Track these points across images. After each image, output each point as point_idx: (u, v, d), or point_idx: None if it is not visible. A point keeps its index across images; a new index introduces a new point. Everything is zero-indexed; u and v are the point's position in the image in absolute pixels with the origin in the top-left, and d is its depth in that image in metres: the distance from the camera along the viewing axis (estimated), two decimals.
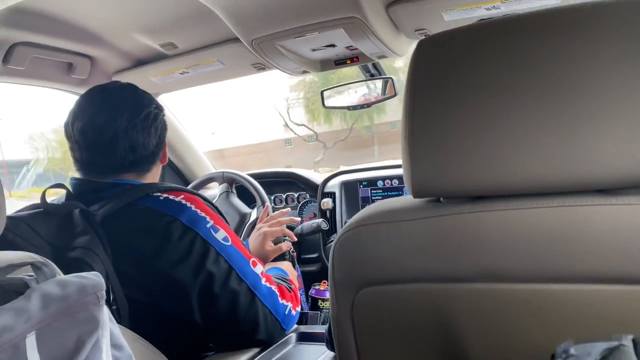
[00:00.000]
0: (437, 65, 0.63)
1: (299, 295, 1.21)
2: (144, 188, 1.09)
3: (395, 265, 0.66)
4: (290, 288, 1.18)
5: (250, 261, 1.07)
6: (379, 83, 1.75)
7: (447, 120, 0.61)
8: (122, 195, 1.07)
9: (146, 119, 1.12)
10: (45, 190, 1.09)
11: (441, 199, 0.66)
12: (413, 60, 0.65)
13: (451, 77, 0.62)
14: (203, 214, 1.05)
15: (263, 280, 1.07)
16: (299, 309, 1.16)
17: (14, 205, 1.15)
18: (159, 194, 1.07)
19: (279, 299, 1.09)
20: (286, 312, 1.10)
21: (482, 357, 0.64)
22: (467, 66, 0.61)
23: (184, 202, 1.06)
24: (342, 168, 2.03)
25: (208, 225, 1.04)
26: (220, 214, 1.15)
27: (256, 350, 1.07)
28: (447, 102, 0.61)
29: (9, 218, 0.99)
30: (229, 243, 1.05)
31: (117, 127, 1.09)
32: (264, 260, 1.40)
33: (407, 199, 0.69)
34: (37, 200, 1.08)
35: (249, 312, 1.04)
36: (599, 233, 0.56)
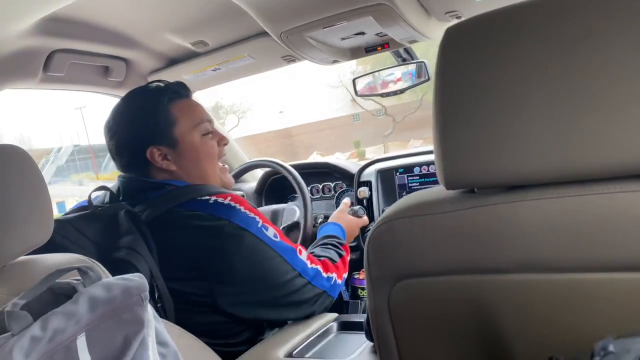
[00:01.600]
0: (466, 52, 0.61)
1: (347, 265, 1.31)
2: (190, 192, 1.11)
3: (431, 258, 0.66)
4: (337, 257, 1.28)
5: (297, 250, 1.13)
6: (411, 67, 1.73)
7: (479, 109, 0.60)
8: (168, 197, 1.10)
9: (120, 123, 1.17)
10: (90, 193, 1.13)
11: (475, 189, 0.65)
12: (441, 49, 0.63)
13: (481, 64, 0.60)
14: (252, 215, 1.09)
15: (309, 264, 1.14)
16: (345, 275, 1.27)
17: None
18: (207, 197, 1.09)
19: (323, 274, 1.17)
20: (332, 283, 1.19)
21: (522, 348, 0.64)
22: (497, 52, 0.59)
23: (233, 204, 1.08)
24: (413, 142, 2.02)
25: (259, 225, 1.08)
26: None
27: (300, 338, 1.09)
28: (479, 90, 0.60)
29: (57, 221, 1.03)
30: (278, 239, 1.10)
31: (111, 129, 1.18)
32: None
33: (440, 190, 0.68)
34: None
35: (305, 294, 1.12)
36: None
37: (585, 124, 0.55)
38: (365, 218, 1.68)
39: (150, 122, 1.15)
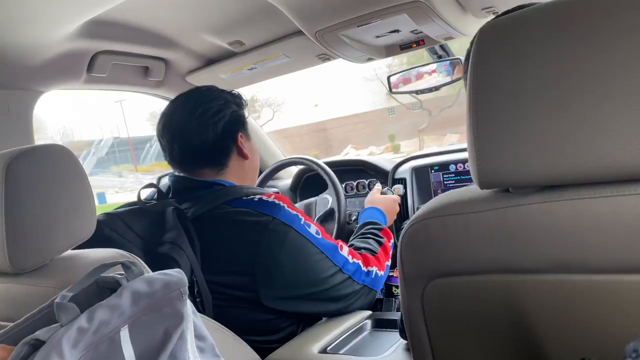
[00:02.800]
0: (499, 51, 0.61)
1: (389, 251, 1.34)
2: (237, 191, 1.16)
3: (465, 257, 0.66)
4: (377, 246, 1.31)
5: (338, 246, 1.16)
6: (447, 64, 1.71)
7: (513, 107, 0.59)
8: (216, 195, 1.15)
9: (203, 114, 1.19)
10: (140, 190, 1.18)
11: (510, 189, 0.64)
12: (475, 48, 0.63)
13: (515, 62, 0.59)
14: (295, 212, 1.13)
15: (350, 259, 1.17)
16: (387, 263, 1.29)
17: (140, 179, 1.29)
18: (252, 195, 1.14)
19: (363, 268, 1.19)
20: (373, 276, 1.21)
21: (555, 348, 0.63)
22: (531, 51, 0.58)
23: (277, 202, 1.13)
24: (449, 136, 2.01)
25: (302, 222, 1.12)
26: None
27: (334, 334, 1.10)
28: (514, 89, 0.59)
29: (107, 214, 1.08)
30: (320, 236, 1.14)
31: (175, 125, 1.21)
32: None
33: (474, 189, 0.68)
34: (160, 174, 1.29)
35: (345, 289, 1.15)
36: None
37: (621, 123, 0.54)
38: (400, 193, 1.75)
39: (242, 113, 1.27)
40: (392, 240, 1.38)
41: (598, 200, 0.57)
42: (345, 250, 1.18)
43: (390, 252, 1.34)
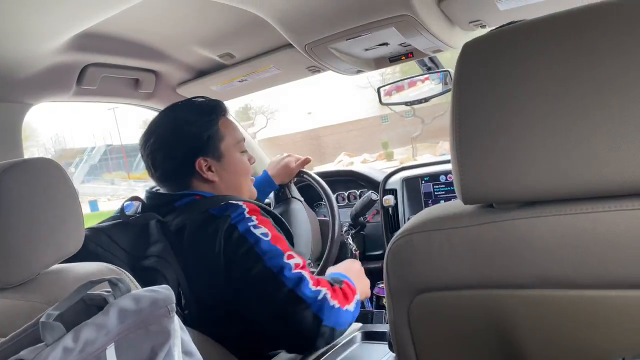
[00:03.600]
0: (483, 67, 0.62)
1: (351, 292, 1.12)
2: (212, 200, 1.15)
3: (449, 272, 0.66)
4: (340, 286, 1.11)
5: (286, 254, 1.06)
6: (436, 76, 1.72)
7: (496, 124, 0.60)
8: (193, 206, 1.14)
9: (164, 143, 1.20)
10: (123, 204, 1.18)
11: (493, 204, 0.65)
12: (459, 63, 0.64)
13: (499, 79, 0.60)
14: (249, 215, 1.09)
15: (293, 269, 1.04)
16: (349, 307, 1.08)
17: (133, 186, 1.28)
18: (224, 202, 1.12)
19: (310, 285, 1.04)
20: (319, 298, 1.02)
21: None
22: (515, 68, 0.59)
23: (240, 204, 1.11)
24: (442, 144, 2.01)
25: (249, 223, 1.07)
26: (280, 223, 1.19)
27: (321, 350, 1.09)
28: (496, 105, 0.60)
29: (91, 229, 1.07)
30: (267, 239, 1.06)
31: (147, 147, 1.22)
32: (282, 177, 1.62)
33: (459, 204, 0.69)
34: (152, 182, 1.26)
35: (276, 299, 1.02)
36: None
37: (602, 140, 0.54)
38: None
39: (203, 135, 1.21)
40: (355, 297, 1.12)
41: (579, 216, 0.58)
42: (293, 260, 1.06)
43: (354, 303, 1.10)
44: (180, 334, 0.65)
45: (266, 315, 1.05)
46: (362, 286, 1.26)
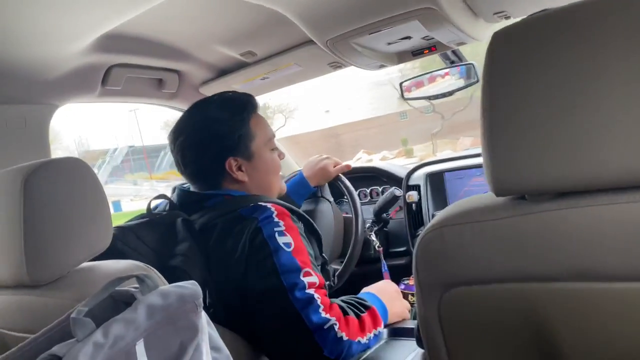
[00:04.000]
0: (514, 56, 0.60)
1: (372, 322, 1.08)
2: (241, 200, 1.15)
3: (481, 266, 0.65)
4: (359, 315, 1.07)
5: (303, 271, 1.02)
6: (460, 69, 1.70)
7: (528, 113, 0.59)
8: (220, 205, 1.14)
9: (194, 140, 1.19)
10: (150, 201, 1.19)
11: (526, 196, 0.63)
12: (489, 53, 0.63)
13: (530, 67, 0.59)
14: (277, 220, 1.07)
15: (306, 288, 1.01)
16: (361, 339, 1.04)
17: (155, 186, 1.28)
18: (253, 204, 1.11)
19: (319, 310, 0.99)
20: (325, 327, 0.98)
21: (576, 357, 0.61)
22: (547, 55, 0.58)
23: (269, 206, 1.10)
24: (462, 140, 1.98)
25: (276, 229, 1.05)
26: (310, 226, 1.18)
27: None
28: (528, 94, 0.59)
29: (118, 228, 1.09)
30: (289, 250, 1.03)
31: (178, 144, 1.20)
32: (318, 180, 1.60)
33: (490, 197, 0.67)
34: (175, 182, 1.24)
35: (280, 319, 1.00)
36: None
37: (638, 128, 0.53)
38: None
39: (234, 135, 1.19)
40: (377, 329, 1.09)
41: (614, 207, 0.56)
42: (309, 279, 1.02)
43: (371, 334, 1.07)
44: (207, 330, 0.65)
45: (267, 331, 1.03)
46: (396, 308, 1.23)
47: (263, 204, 1.11)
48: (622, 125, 0.54)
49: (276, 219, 1.07)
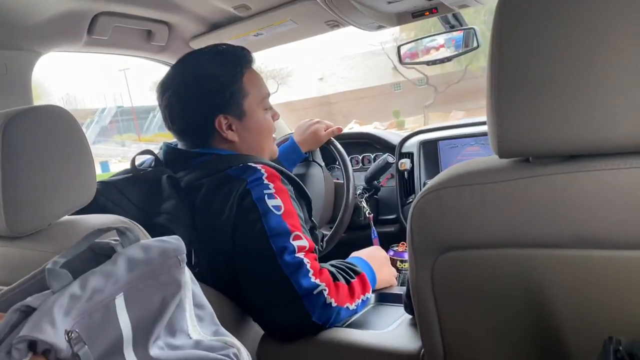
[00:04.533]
0: (524, 15, 0.57)
1: (361, 288, 1.06)
2: (229, 160, 1.10)
3: (479, 230, 0.63)
4: (349, 280, 1.04)
5: (293, 235, 0.99)
6: (457, 35, 1.65)
7: (537, 73, 0.56)
8: (208, 164, 1.10)
9: (184, 94, 1.13)
10: (134, 157, 1.14)
11: (530, 158, 0.61)
12: (498, 11, 0.60)
13: (542, 25, 0.56)
14: (267, 182, 1.03)
15: (296, 252, 0.98)
16: (349, 305, 1.02)
17: (143, 148, 1.23)
18: (242, 164, 1.08)
19: (309, 275, 0.97)
20: (315, 292, 0.96)
21: (573, 327, 0.60)
22: (559, 13, 0.55)
23: (259, 167, 1.06)
24: (454, 113, 1.95)
25: (265, 191, 1.01)
26: (301, 189, 1.14)
27: None
28: (538, 53, 0.56)
29: (102, 182, 1.05)
30: (278, 213, 1.00)
31: (166, 97, 1.14)
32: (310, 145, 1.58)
33: (492, 159, 0.65)
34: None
35: (269, 283, 0.97)
36: None
37: None
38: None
39: (226, 92, 1.13)
40: (365, 295, 1.07)
41: (627, 171, 0.54)
42: (299, 242, 0.99)
43: (359, 300, 1.05)
44: (191, 286, 0.63)
45: (255, 295, 1.00)
46: (384, 275, 1.20)
47: (253, 164, 1.07)
48: (634, 87, 0.51)
49: (266, 181, 1.03)
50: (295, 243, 0.99)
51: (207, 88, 1.12)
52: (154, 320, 0.56)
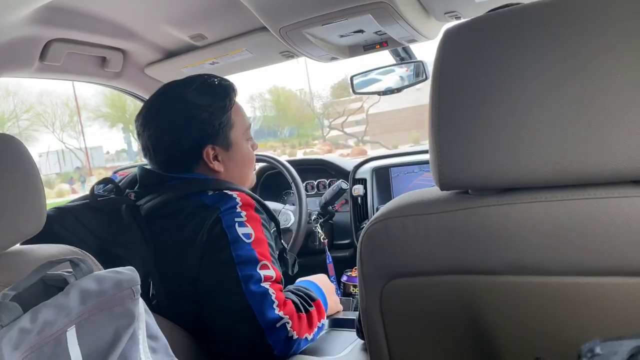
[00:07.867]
0: (464, 53, 0.61)
1: (318, 316, 1.08)
2: (207, 182, 1.09)
3: (423, 258, 0.66)
4: (308, 310, 1.06)
5: (260, 264, 0.99)
6: (409, 67, 1.73)
7: (475, 111, 0.60)
8: (184, 185, 1.08)
9: (170, 124, 1.11)
10: (94, 186, 1.11)
11: (469, 190, 0.65)
12: (440, 49, 0.64)
13: (479, 65, 0.60)
14: (240, 210, 1.03)
15: (262, 281, 0.98)
16: (308, 336, 1.03)
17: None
18: (218, 191, 1.06)
19: (274, 306, 0.97)
20: (277, 325, 0.96)
21: (512, 349, 0.64)
22: (495, 54, 0.59)
23: (234, 195, 1.05)
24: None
25: (236, 219, 1.01)
26: (274, 220, 1.13)
27: None
28: (475, 92, 0.60)
29: (57, 209, 1.03)
30: (248, 241, 1.00)
31: (152, 127, 1.12)
32: None
33: (434, 191, 0.68)
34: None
35: (232, 312, 0.96)
36: (633, 225, 0.55)
37: (580, 129, 0.55)
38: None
39: (215, 122, 1.12)
40: (321, 322, 1.09)
41: (554, 203, 0.58)
42: (266, 272, 0.99)
43: (316, 329, 1.07)
44: (145, 317, 0.63)
45: (217, 326, 0.99)
46: (332, 303, 1.24)
47: (229, 192, 1.06)
48: (563, 126, 0.56)
49: (238, 209, 1.03)
50: (262, 272, 0.98)
51: (198, 118, 1.11)
52: (107, 353, 0.56)
